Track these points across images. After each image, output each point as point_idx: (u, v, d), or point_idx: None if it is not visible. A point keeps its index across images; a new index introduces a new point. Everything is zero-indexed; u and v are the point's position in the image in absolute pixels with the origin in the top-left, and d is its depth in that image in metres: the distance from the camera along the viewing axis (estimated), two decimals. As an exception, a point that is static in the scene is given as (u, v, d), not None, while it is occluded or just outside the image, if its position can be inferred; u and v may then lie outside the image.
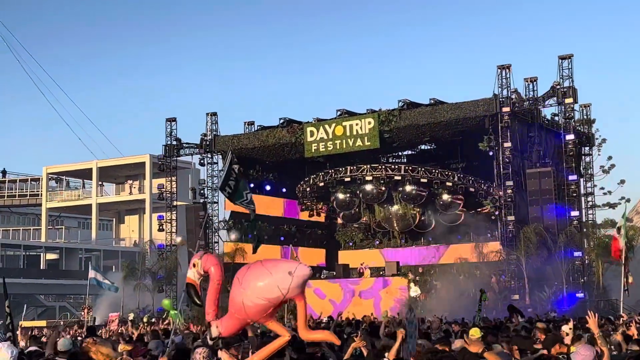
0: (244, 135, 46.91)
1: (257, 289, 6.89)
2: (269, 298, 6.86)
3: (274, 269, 6.93)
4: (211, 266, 7.36)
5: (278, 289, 6.80)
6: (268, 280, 6.85)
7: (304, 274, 6.86)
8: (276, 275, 6.85)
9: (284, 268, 6.91)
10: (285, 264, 7.00)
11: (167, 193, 48.51)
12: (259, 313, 6.98)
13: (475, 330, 11.59)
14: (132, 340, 15.85)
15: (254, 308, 6.95)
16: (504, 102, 39.29)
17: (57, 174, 74.14)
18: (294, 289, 6.82)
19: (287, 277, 6.79)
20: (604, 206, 45.19)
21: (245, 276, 7.06)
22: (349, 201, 47.39)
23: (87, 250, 70.66)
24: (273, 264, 7.03)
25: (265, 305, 6.91)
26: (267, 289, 6.84)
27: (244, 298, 6.99)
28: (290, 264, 6.96)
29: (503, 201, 39.16)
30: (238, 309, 7.07)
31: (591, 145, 45.31)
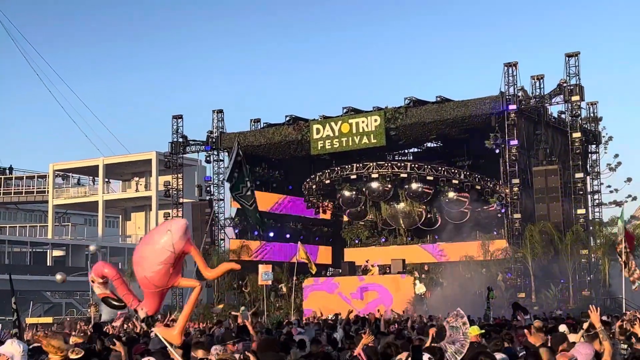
0: (250, 132, 46.94)
1: (150, 260, 7.39)
2: (163, 261, 7.34)
3: (154, 237, 7.50)
4: (102, 270, 7.83)
5: (166, 250, 7.29)
6: (154, 247, 7.38)
7: (180, 225, 7.38)
8: (158, 239, 7.38)
9: (161, 231, 7.43)
10: (161, 227, 7.52)
11: (173, 190, 48.57)
12: (163, 278, 7.45)
13: (474, 328, 11.58)
14: (138, 336, 15.88)
15: (156, 276, 7.43)
16: (511, 99, 39.23)
17: (64, 171, 74.23)
18: (178, 243, 7.30)
19: (167, 237, 7.30)
20: (611, 204, 45.16)
21: (136, 255, 7.57)
22: (354, 199, 47.37)
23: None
24: (150, 235, 7.71)
25: (163, 268, 7.39)
26: (156, 255, 7.35)
27: (145, 273, 7.44)
28: (165, 224, 7.50)
29: (509, 199, 39.11)
30: (146, 285, 7.55)
31: (598, 143, 45.24)
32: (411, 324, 21.64)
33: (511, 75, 39.73)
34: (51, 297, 67.37)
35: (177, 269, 7.54)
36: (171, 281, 7.55)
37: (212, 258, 45.23)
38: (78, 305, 63.48)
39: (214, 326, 20.52)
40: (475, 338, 11.16)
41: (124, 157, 69.00)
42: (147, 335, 16.18)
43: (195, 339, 11.68)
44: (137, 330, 19.44)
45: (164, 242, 7.31)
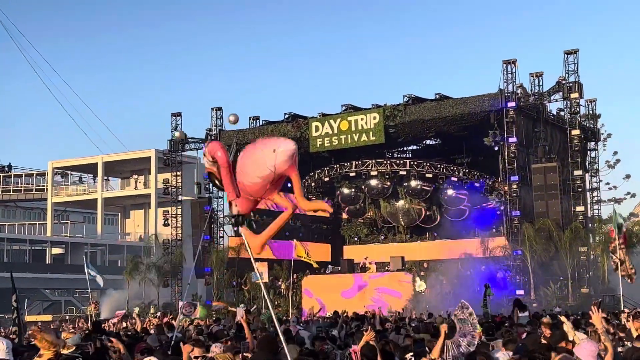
0: (249, 130, 46.95)
1: (250, 170, 7.46)
2: (261, 176, 7.40)
3: (261, 149, 7.47)
4: (216, 151, 7.76)
5: (266, 167, 7.31)
6: (257, 161, 7.41)
7: (287, 148, 7.31)
8: (263, 154, 7.38)
9: (268, 146, 7.39)
10: (270, 142, 7.45)
11: (172, 188, 48.58)
12: (259, 191, 7.58)
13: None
14: (136, 334, 15.89)
15: (253, 187, 7.55)
16: (510, 97, 39.25)
17: (63, 169, 74.18)
18: (280, 165, 7.31)
19: (271, 155, 7.28)
20: (610, 201, 45.18)
21: (242, 159, 7.62)
22: (354, 196, 47.38)
23: (92, 245, 70.79)
24: (261, 144, 7.56)
25: (261, 183, 7.47)
26: (257, 168, 7.40)
27: (244, 179, 7.56)
28: (274, 142, 7.42)
29: (508, 196, 39.13)
30: (242, 189, 7.66)
31: (597, 140, 45.27)
32: (409, 321, 21.68)
33: (510, 72, 39.76)
34: (50, 294, 67.36)
35: (275, 186, 7.60)
36: (266, 195, 7.65)
37: (211, 256, 45.29)
38: (77, 303, 63.46)
39: (213, 324, 20.51)
40: (477, 335, 11.18)
41: (123, 154, 68.95)
42: (147, 333, 16.20)
43: (194, 337, 11.68)
44: (137, 328, 19.43)
45: (265, 160, 7.32)
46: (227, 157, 7.72)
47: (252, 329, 17.56)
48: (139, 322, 25.46)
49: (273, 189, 7.61)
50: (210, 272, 45.64)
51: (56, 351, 7.33)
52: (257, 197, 7.72)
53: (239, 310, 24.99)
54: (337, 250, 50.25)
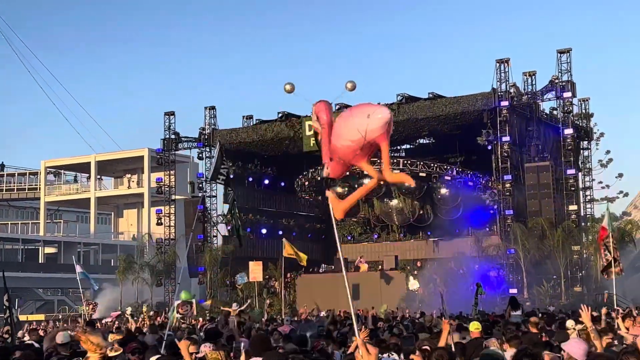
0: (243, 129, 46.87)
1: (343, 132, 7.41)
2: (352, 139, 7.33)
3: (356, 113, 7.41)
4: (320, 111, 7.79)
5: (358, 132, 7.24)
6: (350, 124, 7.34)
7: (382, 116, 7.22)
8: (356, 118, 7.31)
9: (364, 111, 7.33)
10: (367, 107, 7.39)
11: (165, 187, 48.50)
12: (348, 155, 7.50)
13: (475, 324, 11.60)
14: (130, 334, 15.85)
15: (342, 150, 7.50)
16: (503, 96, 39.28)
17: (56, 168, 74.02)
18: (371, 131, 7.22)
19: (364, 120, 7.20)
20: (602, 200, 45.26)
21: (337, 121, 7.59)
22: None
23: (85, 244, 70.64)
24: (358, 108, 7.50)
25: (351, 146, 7.40)
26: (349, 131, 7.34)
27: (336, 141, 7.53)
28: (370, 107, 7.35)
29: (501, 195, 39.17)
30: (335, 151, 7.63)
31: (589, 139, 45.35)
32: (401, 320, 21.68)
33: (503, 71, 39.79)
34: (43, 294, 67.20)
35: (365, 152, 7.52)
36: (355, 160, 7.59)
37: (205, 255, 45.24)
38: (70, 302, 63.29)
39: (207, 323, 20.48)
40: (477, 333, 11.18)
41: (116, 153, 68.81)
42: (140, 332, 16.17)
43: (186, 336, 11.65)
44: (132, 327, 19.39)
45: (358, 124, 7.26)
46: (330, 117, 7.74)
47: (247, 327, 17.58)
48: (132, 322, 25.39)
49: (363, 155, 7.54)
50: (204, 272, 45.60)
51: (103, 354, 7.04)
52: (347, 161, 7.70)
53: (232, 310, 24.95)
54: (331, 250, 50.25)
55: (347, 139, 7.38)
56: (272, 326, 18.64)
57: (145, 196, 67.54)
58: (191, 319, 23.94)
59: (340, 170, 7.89)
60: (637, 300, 41.04)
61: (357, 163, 7.67)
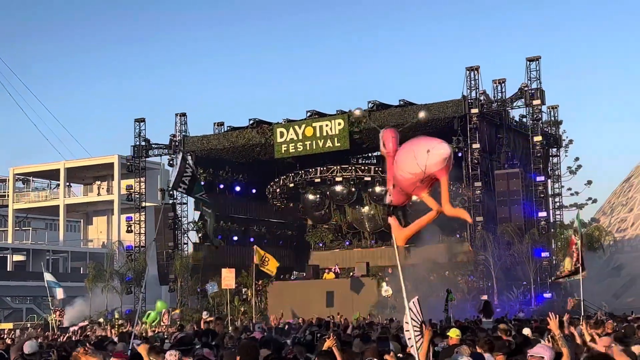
0: (214, 135, 46.72)
1: (403, 165, 7.68)
2: (412, 172, 7.60)
3: (416, 146, 7.66)
4: (387, 140, 8.09)
5: (417, 165, 7.50)
6: (410, 157, 7.60)
7: (442, 152, 7.45)
8: (417, 152, 7.55)
9: (424, 145, 7.58)
10: (427, 142, 7.63)
11: (135, 194, 48.20)
12: (409, 186, 7.78)
13: (455, 330, 11.61)
14: (98, 342, 15.70)
15: (403, 182, 7.79)
16: (473, 103, 39.54)
17: (24, 175, 73.30)
18: (431, 166, 7.46)
19: (424, 155, 7.45)
20: (572, 207, 45.73)
21: (398, 154, 7.86)
22: (319, 202, 47.38)
23: (54, 252, 69.95)
24: (419, 141, 7.76)
25: (411, 179, 7.67)
26: (410, 164, 7.61)
27: (396, 171, 7.84)
28: (430, 142, 7.58)
29: (472, 202, 39.38)
30: (396, 181, 7.96)
31: (558, 146, 45.79)
32: (369, 325, 21.67)
33: (473, 79, 40.06)
34: (11, 302, 66.44)
35: (425, 184, 7.74)
36: (415, 192, 7.82)
37: (175, 262, 44.98)
38: (39, 311, 62.62)
39: (177, 331, 20.34)
40: (456, 340, 11.19)
41: (85, 160, 68.29)
42: (108, 339, 16.02)
43: (152, 344, 11.50)
44: (98, 334, 19.22)
45: (419, 157, 7.47)
46: (396, 146, 7.97)
47: (220, 336, 17.47)
48: (99, 330, 25.24)
49: (423, 187, 7.78)
50: (174, 279, 45.33)
51: None
52: (407, 192, 7.94)
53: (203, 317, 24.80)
54: (303, 257, 50.21)
55: (407, 171, 7.66)
56: (246, 335, 18.51)
57: (115, 203, 67.07)
58: (164, 327, 23.82)
59: (402, 199, 8.20)
60: (608, 305, 41.50)
61: (417, 194, 7.90)
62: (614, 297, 48.11)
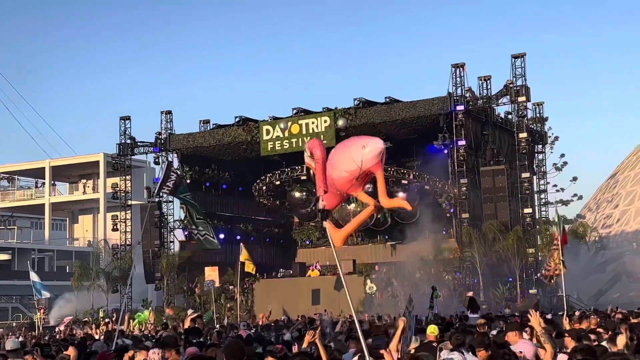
0: (199, 133, 46.66)
1: (339, 164, 7.88)
2: (349, 170, 7.79)
3: (351, 145, 7.93)
4: (314, 149, 8.20)
5: (354, 162, 7.72)
6: (346, 155, 7.83)
7: (376, 147, 7.73)
8: (352, 150, 7.80)
9: (358, 143, 7.84)
10: (361, 140, 7.89)
11: (121, 192, 48.04)
12: (345, 185, 7.96)
13: (432, 327, 11.63)
14: (84, 340, 15.65)
15: (339, 181, 7.94)
16: (458, 100, 39.63)
17: (9, 173, 72.92)
18: (367, 161, 7.70)
19: (360, 151, 7.70)
20: (557, 203, 45.88)
21: (333, 154, 8.05)
22: (305, 199, 47.37)
23: (40, 251, 69.58)
24: (352, 141, 8.05)
25: (347, 177, 7.86)
26: (346, 162, 7.81)
27: (332, 172, 7.97)
28: (365, 139, 7.85)
29: (458, 199, 39.48)
30: (331, 182, 8.04)
31: (544, 143, 45.93)
32: (360, 324, 21.63)
33: (458, 76, 40.14)
34: (-4, 301, 66.08)
35: (360, 182, 7.98)
36: (351, 190, 8.01)
37: (161, 261, 44.89)
38: (24, 310, 62.31)
39: (162, 330, 20.28)
40: (432, 337, 11.20)
41: (70, 159, 68.00)
42: (92, 338, 15.98)
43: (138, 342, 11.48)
44: (80, 334, 19.14)
45: (354, 155, 7.68)
46: (324, 154, 8.14)
47: (205, 334, 17.45)
48: (87, 329, 25.16)
49: (358, 185, 8.01)
50: (161, 277, 45.24)
51: None
52: (343, 191, 8.10)
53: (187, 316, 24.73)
54: (289, 254, 50.21)
55: (344, 170, 7.84)
56: (233, 333, 18.52)
57: (100, 202, 66.82)
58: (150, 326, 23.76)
59: (336, 202, 8.33)
60: (593, 301, 41.72)
61: (353, 192, 8.10)
62: (599, 293, 48.33)
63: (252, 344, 12.27)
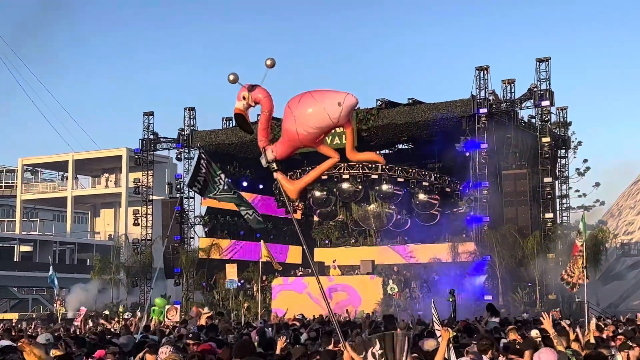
0: (222, 130, 46.80)
1: (309, 119, 7.50)
2: (320, 127, 7.52)
3: (323, 99, 7.52)
4: (261, 97, 7.84)
5: (329, 118, 7.42)
6: (319, 110, 7.45)
7: (352, 103, 7.46)
8: (326, 105, 7.44)
9: (333, 98, 7.49)
10: (334, 94, 7.55)
11: (143, 187, 48.30)
12: (312, 140, 7.69)
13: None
14: (103, 334, 15.74)
15: (307, 136, 7.63)
16: (482, 103, 39.47)
17: (33, 166, 73.53)
18: (343, 117, 7.48)
19: (336, 108, 7.40)
20: (579, 208, 45.60)
21: (298, 107, 7.58)
22: (325, 199, 47.40)
23: (61, 243, 70.17)
24: (321, 95, 7.60)
25: (317, 133, 7.61)
26: (317, 118, 7.46)
27: (297, 127, 7.59)
28: (338, 95, 7.52)
29: (478, 202, 39.33)
30: (292, 136, 7.74)
31: (567, 147, 45.64)
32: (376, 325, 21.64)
33: (482, 79, 39.98)
34: (17, 292, 66.70)
35: (324, 137, 7.80)
36: (315, 144, 7.79)
37: (181, 257, 45.09)
38: (44, 301, 62.88)
39: (180, 325, 20.39)
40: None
41: (94, 152, 68.46)
42: (110, 333, 16.07)
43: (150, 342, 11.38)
44: (103, 328, 19.25)
45: (330, 111, 7.40)
46: (271, 104, 7.82)
47: (220, 331, 17.53)
48: (107, 324, 25.32)
49: (323, 139, 7.82)
50: (180, 273, 45.44)
51: None
52: (306, 145, 7.81)
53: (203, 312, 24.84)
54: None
55: (315, 126, 7.50)
56: (248, 330, 18.60)
57: (122, 196, 67.24)
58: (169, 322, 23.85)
59: (287, 152, 8.01)
60: (611, 309, 41.43)
61: (318, 147, 7.86)
62: (619, 299, 48.01)
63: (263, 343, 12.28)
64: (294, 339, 14.67)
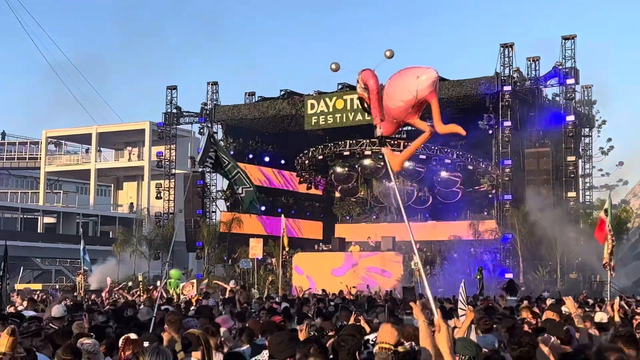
0: (244, 105, 46.88)
1: (394, 94, 8.12)
2: (403, 100, 8.05)
3: (407, 75, 8.07)
4: (368, 79, 8.37)
5: (409, 92, 7.94)
6: (401, 86, 8.04)
7: (430, 76, 7.94)
8: (407, 80, 7.99)
9: (413, 73, 8.01)
10: (415, 70, 8.04)
11: (165, 161, 48.58)
12: (401, 114, 8.24)
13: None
14: (124, 306, 15.94)
15: (396, 110, 8.22)
16: (506, 80, 39.22)
17: (57, 138, 74.01)
18: (422, 91, 7.92)
19: (414, 81, 7.91)
20: (602, 187, 45.38)
21: (388, 85, 8.24)
22: (347, 175, 47.45)
23: (84, 215, 70.77)
24: (406, 71, 8.15)
25: (403, 106, 8.13)
26: (400, 92, 8.06)
27: (388, 102, 8.26)
28: (418, 70, 8.01)
29: (500, 180, 39.20)
30: (387, 112, 8.37)
31: (591, 126, 45.34)
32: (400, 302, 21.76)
33: (507, 56, 39.70)
34: (41, 263, 67.43)
35: (416, 110, 8.21)
36: (407, 118, 8.27)
37: (202, 230, 45.38)
38: (67, 273, 63.57)
39: (202, 299, 20.60)
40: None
41: (117, 126, 68.78)
42: (133, 307, 16.27)
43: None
44: (127, 300, 19.48)
45: (409, 85, 7.89)
46: (377, 84, 8.35)
47: (243, 303, 17.73)
48: (128, 296, 25.59)
49: (414, 113, 8.22)
50: (202, 247, 45.76)
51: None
52: (400, 120, 8.38)
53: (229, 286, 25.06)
54: (329, 229, 50.39)
55: (400, 99, 8.05)
56: (269, 303, 18.83)
57: (145, 169, 67.57)
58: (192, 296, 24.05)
59: (392, 129, 8.61)
60: (633, 289, 41.24)
61: (410, 120, 8.34)
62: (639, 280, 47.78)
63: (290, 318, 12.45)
64: (317, 312, 14.86)
